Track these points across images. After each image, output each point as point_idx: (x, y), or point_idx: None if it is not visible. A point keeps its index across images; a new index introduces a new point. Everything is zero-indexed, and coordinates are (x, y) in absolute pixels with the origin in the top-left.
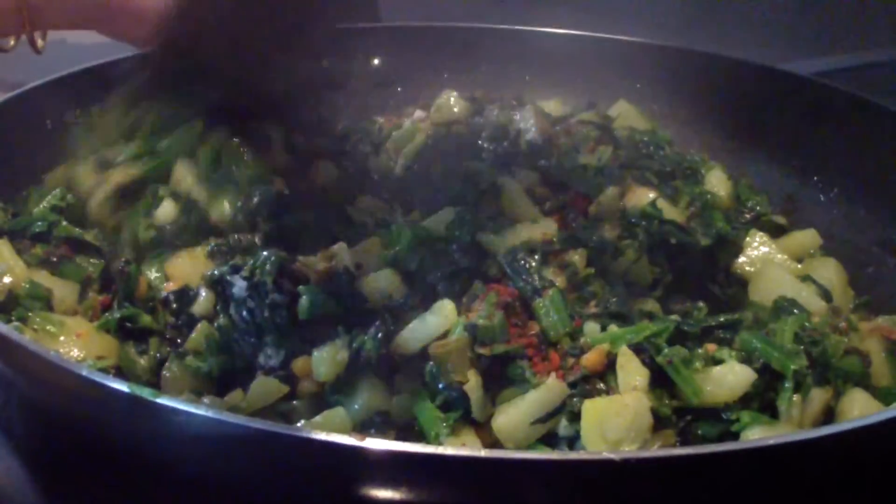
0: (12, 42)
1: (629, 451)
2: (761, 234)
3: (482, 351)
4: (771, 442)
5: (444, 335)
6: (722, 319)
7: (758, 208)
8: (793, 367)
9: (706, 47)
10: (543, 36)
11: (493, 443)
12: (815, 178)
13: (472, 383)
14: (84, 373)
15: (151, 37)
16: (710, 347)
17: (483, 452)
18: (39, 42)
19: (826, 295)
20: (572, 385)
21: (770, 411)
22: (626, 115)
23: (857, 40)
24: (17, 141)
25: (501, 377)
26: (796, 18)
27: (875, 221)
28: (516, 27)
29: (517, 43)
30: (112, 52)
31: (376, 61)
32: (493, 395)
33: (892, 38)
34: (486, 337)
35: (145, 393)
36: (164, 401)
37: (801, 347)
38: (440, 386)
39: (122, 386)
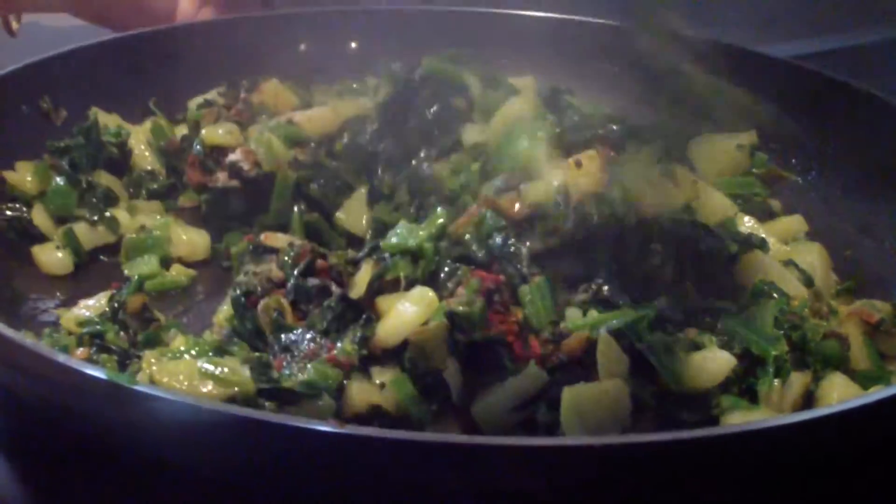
0: None
1: (609, 437)
2: (748, 216)
3: (460, 338)
4: (751, 427)
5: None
6: (704, 306)
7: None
8: (774, 352)
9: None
10: (518, 18)
11: (473, 429)
12: (794, 161)
13: (451, 370)
14: (60, 360)
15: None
16: (691, 332)
17: (460, 439)
18: (14, 25)
19: (808, 280)
20: (551, 371)
21: (750, 396)
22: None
23: (834, 23)
24: None
25: (481, 363)
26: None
27: (853, 204)
28: (492, 10)
29: (492, 26)
30: (89, 35)
31: (353, 45)
32: (473, 381)
33: (866, 20)
34: (464, 324)
35: (122, 380)
36: (142, 388)
37: (781, 332)
38: (419, 371)
39: (98, 373)
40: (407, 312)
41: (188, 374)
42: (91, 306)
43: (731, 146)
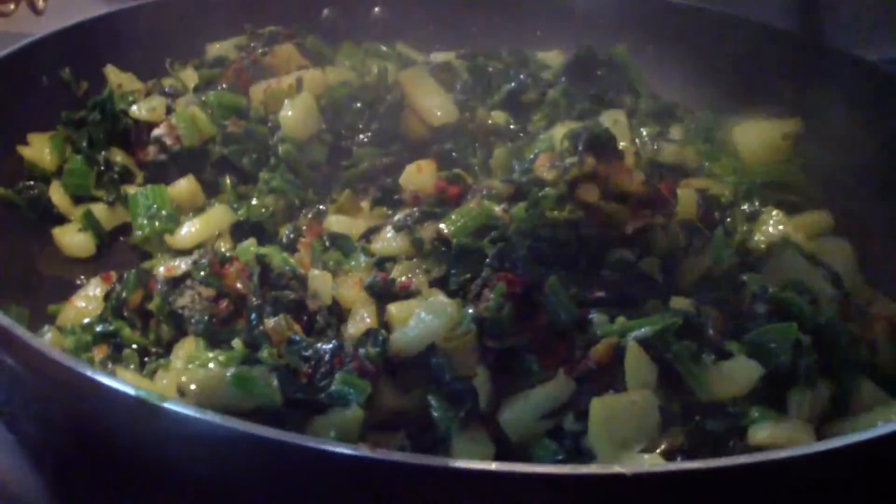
0: (13, 6)
1: (639, 465)
2: (777, 211)
3: (491, 344)
4: (783, 455)
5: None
6: (735, 314)
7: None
8: (805, 363)
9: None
10: None
11: (500, 437)
12: (828, 151)
13: (481, 378)
14: (89, 373)
15: None
16: (718, 340)
17: (491, 466)
18: (40, 3)
19: (837, 281)
20: (579, 380)
21: (777, 404)
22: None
23: None
24: None
25: (508, 369)
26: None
27: (887, 198)
28: None
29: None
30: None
31: (377, 9)
32: (500, 387)
33: None
34: (495, 330)
35: (152, 397)
36: (170, 405)
37: (810, 338)
38: (447, 378)
39: (128, 388)
40: (429, 324)
41: (217, 382)
42: (90, 297)
43: (776, 133)
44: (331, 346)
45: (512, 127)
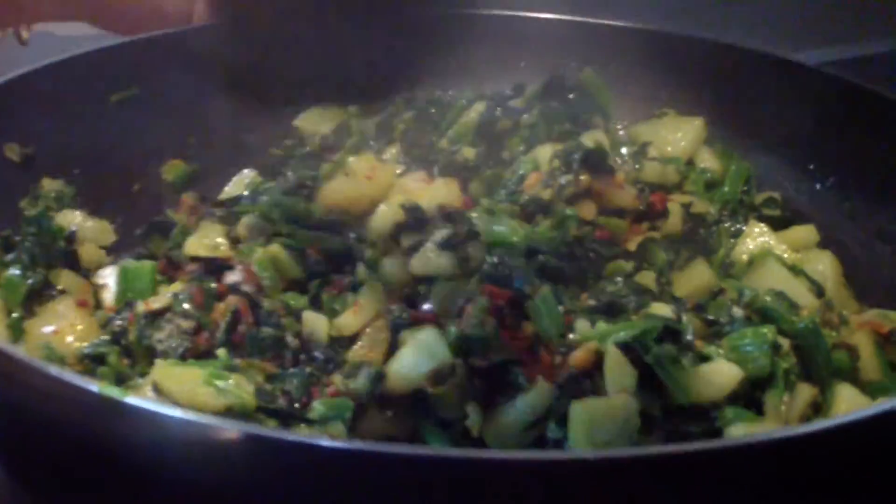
0: None
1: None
2: (762, 225)
3: (477, 363)
4: (757, 439)
5: None
6: (712, 318)
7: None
8: (784, 365)
9: (705, 33)
10: (535, 22)
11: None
12: (812, 167)
13: (473, 415)
14: (52, 372)
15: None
16: (698, 344)
17: (460, 453)
18: (24, 34)
19: (818, 290)
20: (560, 386)
21: (756, 407)
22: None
23: (860, 31)
24: None
25: (493, 384)
26: (800, 7)
27: (871, 211)
28: (508, 13)
29: (510, 29)
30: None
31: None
32: (486, 403)
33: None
34: (479, 348)
35: (114, 393)
36: (133, 401)
37: (788, 342)
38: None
39: (90, 385)
40: (417, 363)
41: (192, 381)
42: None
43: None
44: (298, 380)
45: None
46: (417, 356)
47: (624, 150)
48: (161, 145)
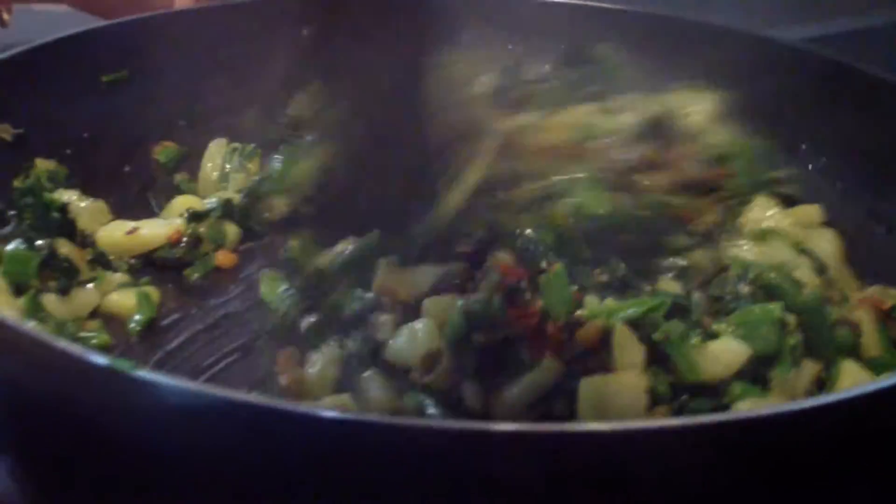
0: None
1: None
2: (771, 200)
3: (479, 338)
4: (763, 413)
5: None
6: (721, 295)
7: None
8: (790, 342)
9: (686, 14)
10: (523, 4)
11: None
12: (804, 147)
13: (470, 395)
14: (58, 344)
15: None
16: (707, 322)
17: (467, 425)
18: (5, 16)
19: (821, 267)
20: (567, 362)
21: (762, 383)
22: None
23: (846, 5)
24: None
25: (497, 360)
26: None
27: (863, 191)
28: None
29: (501, 12)
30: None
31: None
32: (489, 380)
33: (881, 2)
34: (483, 323)
35: (125, 366)
36: (148, 375)
37: (794, 318)
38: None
39: (99, 358)
40: (411, 344)
41: None
42: None
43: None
44: None
45: None
46: (408, 342)
47: None
48: (152, 127)
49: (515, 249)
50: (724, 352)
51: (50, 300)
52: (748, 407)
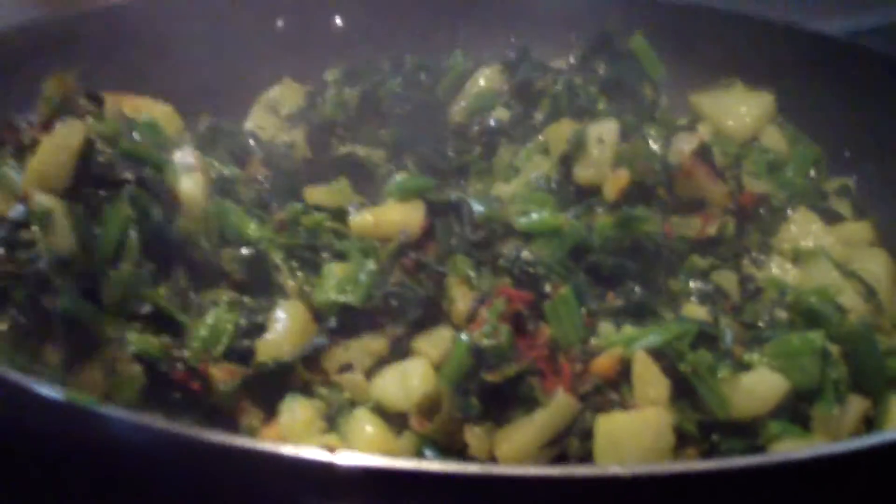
0: None
1: (640, 466)
2: (814, 215)
3: (490, 377)
4: (803, 455)
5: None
6: (754, 322)
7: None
8: (833, 375)
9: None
10: None
11: None
12: (847, 155)
13: (474, 444)
14: (11, 378)
15: None
16: (738, 351)
17: (475, 469)
18: None
19: (869, 292)
20: (582, 397)
21: (802, 421)
22: None
23: None
24: None
25: (506, 396)
26: None
27: None
28: None
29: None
30: None
31: (337, 19)
32: (496, 419)
33: None
34: (492, 360)
35: (87, 402)
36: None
37: (837, 348)
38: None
39: (54, 394)
40: (404, 387)
41: None
42: None
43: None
44: None
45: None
46: (400, 385)
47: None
48: None
49: (512, 271)
50: (759, 385)
51: None
52: (787, 448)
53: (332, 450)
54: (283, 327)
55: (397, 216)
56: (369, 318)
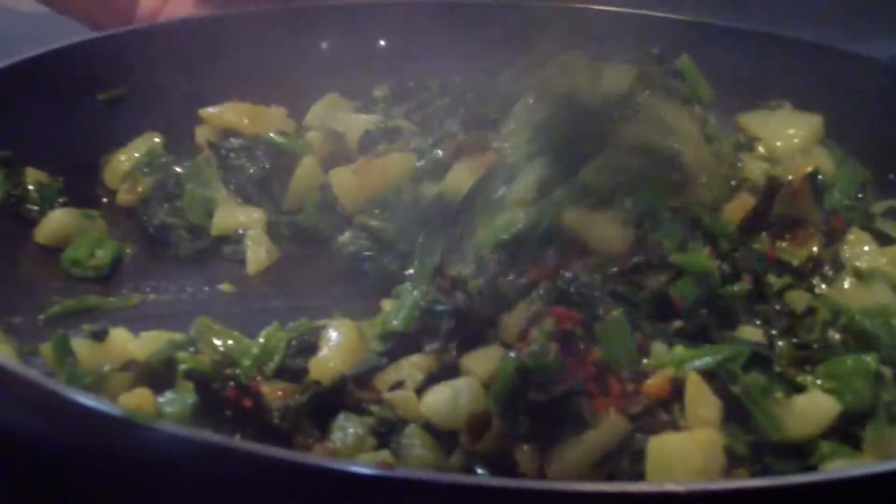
0: None
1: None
2: (867, 236)
3: (537, 396)
4: (857, 473)
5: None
6: (807, 343)
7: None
8: (886, 398)
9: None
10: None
11: None
12: (891, 177)
13: (523, 463)
14: (56, 388)
15: None
16: (791, 373)
17: (530, 484)
18: None
19: None
20: (633, 417)
21: (853, 442)
22: None
23: None
24: None
25: (556, 415)
26: None
27: None
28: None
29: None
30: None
31: (382, 42)
32: (546, 437)
33: None
34: (540, 378)
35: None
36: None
37: (891, 371)
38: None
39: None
40: (453, 405)
41: None
42: None
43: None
44: None
45: None
46: (450, 404)
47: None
48: None
49: (561, 292)
50: (812, 407)
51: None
52: (839, 468)
53: (388, 467)
54: (336, 346)
55: None
56: (414, 339)
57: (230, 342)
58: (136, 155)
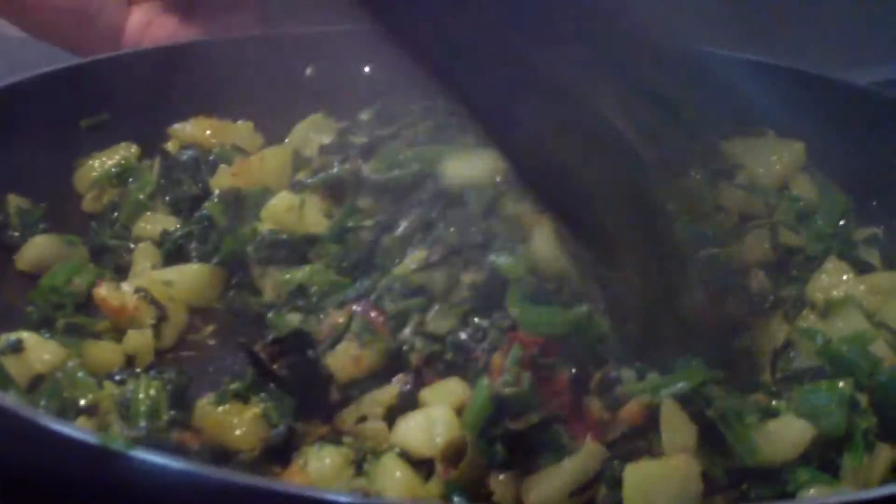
0: None
1: None
2: (845, 265)
3: (514, 426)
4: (833, 501)
5: None
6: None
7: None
8: (863, 424)
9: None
10: None
11: None
12: (874, 204)
13: (499, 491)
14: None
15: None
16: (761, 399)
17: None
18: None
19: None
20: (610, 445)
21: (831, 470)
22: None
23: None
24: None
25: (532, 444)
26: (853, 22)
27: None
28: None
29: None
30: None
31: (367, 68)
32: (522, 466)
33: None
34: (516, 407)
35: (118, 445)
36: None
37: (866, 398)
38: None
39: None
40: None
41: None
42: None
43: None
44: None
45: None
46: (424, 432)
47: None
48: None
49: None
50: (786, 431)
51: None
52: (816, 495)
53: (367, 494)
54: None
55: None
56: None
57: None
58: (109, 162)
